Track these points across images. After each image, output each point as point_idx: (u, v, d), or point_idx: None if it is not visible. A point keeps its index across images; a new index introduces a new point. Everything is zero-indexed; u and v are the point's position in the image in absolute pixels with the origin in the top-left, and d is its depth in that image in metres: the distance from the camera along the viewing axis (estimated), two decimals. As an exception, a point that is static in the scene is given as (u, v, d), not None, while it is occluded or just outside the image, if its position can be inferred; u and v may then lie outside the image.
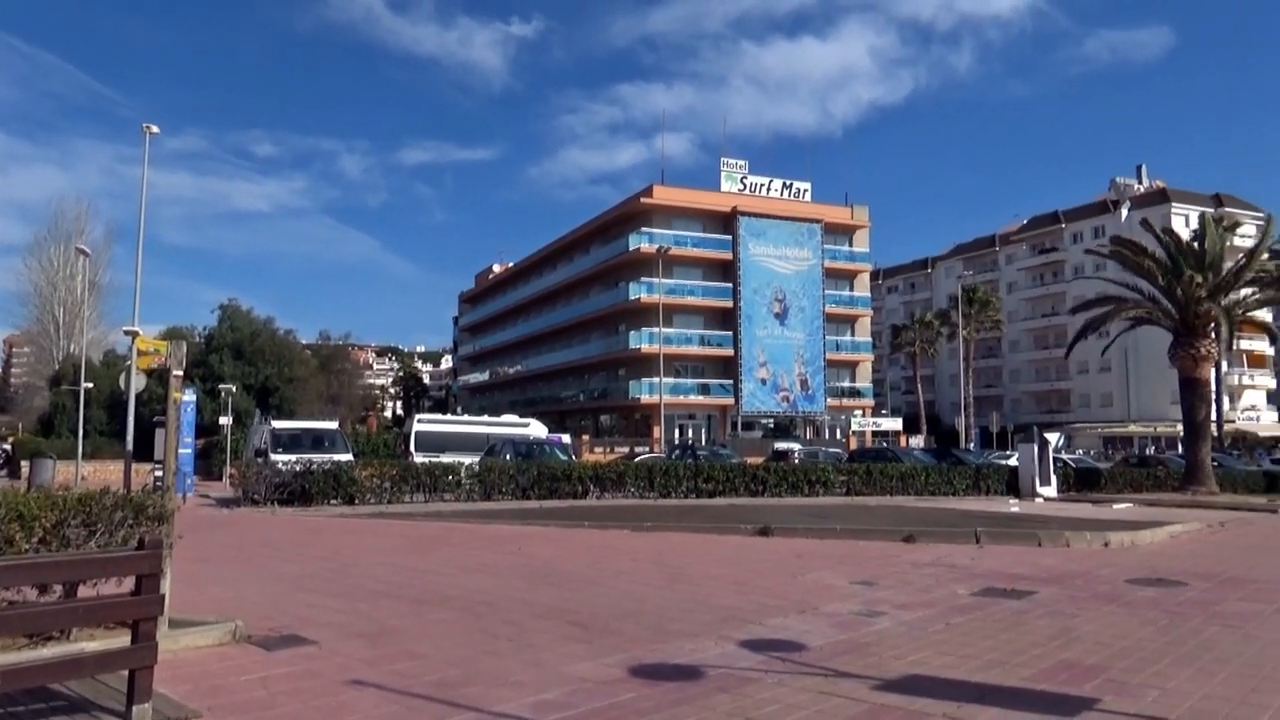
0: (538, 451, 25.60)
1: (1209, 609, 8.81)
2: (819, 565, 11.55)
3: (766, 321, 60.55)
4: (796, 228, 61.79)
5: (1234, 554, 13.68)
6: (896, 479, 25.15)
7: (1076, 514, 19.43)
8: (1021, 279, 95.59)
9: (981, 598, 9.28)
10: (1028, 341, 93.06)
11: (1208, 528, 17.51)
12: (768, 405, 60.51)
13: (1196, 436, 29.45)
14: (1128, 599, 9.36)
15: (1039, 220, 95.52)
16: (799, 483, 23.71)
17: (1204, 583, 10.51)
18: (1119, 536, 14.64)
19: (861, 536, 14.86)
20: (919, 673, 6.16)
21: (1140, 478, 30.64)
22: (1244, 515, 20.82)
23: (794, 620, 7.96)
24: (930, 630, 7.59)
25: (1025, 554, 13.22)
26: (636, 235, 59.43)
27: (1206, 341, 29.49)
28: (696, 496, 22.12)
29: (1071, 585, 10.22)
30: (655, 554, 12.72)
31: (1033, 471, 26.10)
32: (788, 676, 6.00)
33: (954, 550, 13.40)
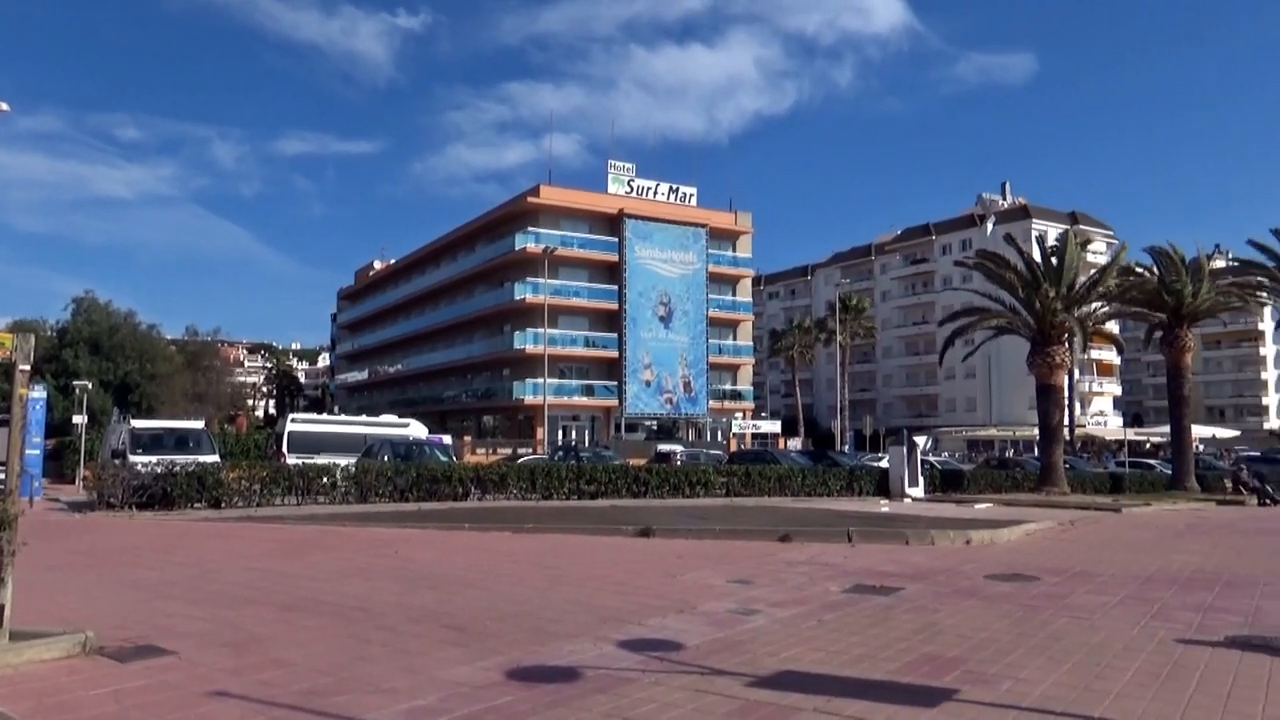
0: (417, 453, 25.07)
1: (1059, 602, 9.35)
2: (698, 565, 11.71)
3: (651, 324, 61.08)
4: (682, 232, 62.57)
5: (1082, 550, 14.57)
6: (774, 480, 25.74)
7: (942, 513, 20.32)
8: (895, 288, 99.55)
9: (852, 594, 9.60)
10: (900, 348, 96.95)
11: (1059, 526, 18.60)
12: (651, 407, 61.05)
13: (1050, 440, 31.27)
14: (986, 593, 9.85)
15: (912, 232, 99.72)
16: (680, 484, 23.99)
17: (1055, 577, 11.16)
18: (980, 535, 15.40)
19: (740, 536, 15.15)
20: (791, 669, 6.31)
21: (1000, 479, 32.32)
22: (1092, 514, 22.21)
23: (672, 620, 8.04)
24: (803, 627, 7.80)
25: (894, 552, 13.75)
26: (523, 235, 59.00)
27: (1061, 350, 31.39)
28: (579, 498, 22.10)
29: (936, 581, 10.68)
30: (536, 556, 12.64)
31: (902, 473, 27.17)
32: (665, 675, 6.06)
33: (827, 549, 13.82)
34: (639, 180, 63.28)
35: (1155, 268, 37.29)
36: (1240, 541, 16.38)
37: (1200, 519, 22.53)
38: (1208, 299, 36.27)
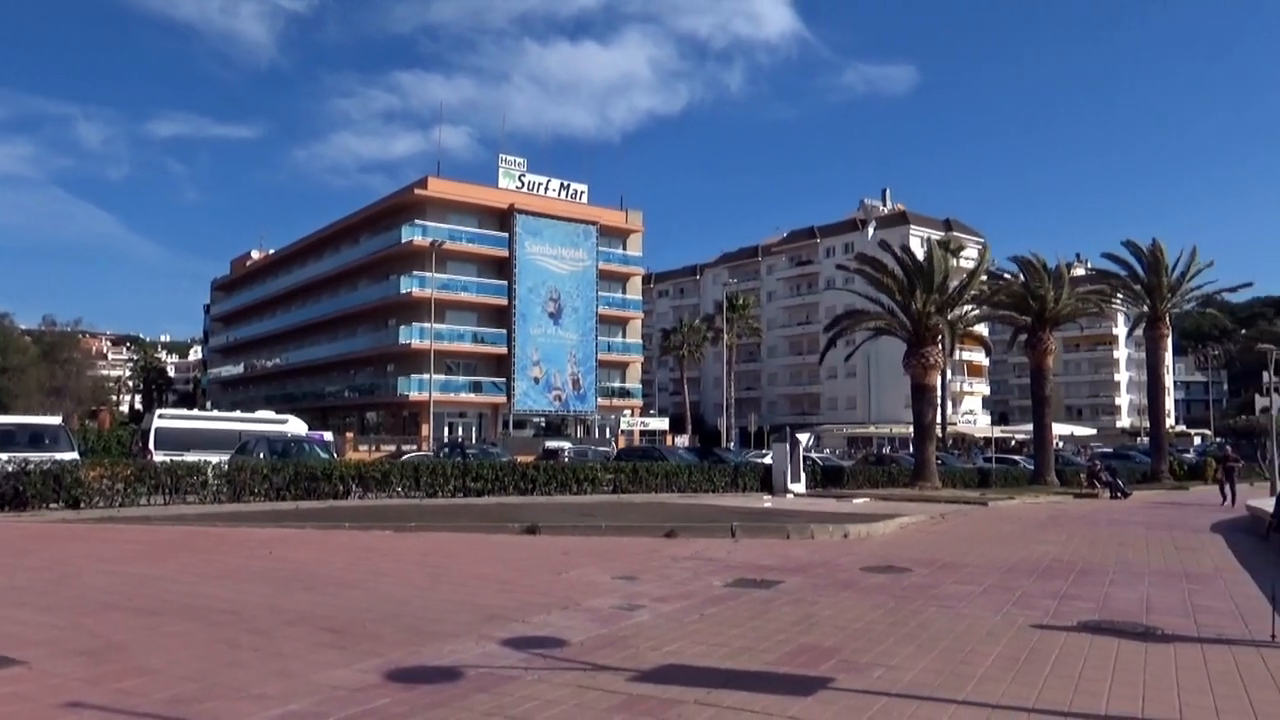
0: (295, 450, 24.22)
1: (929, 592, 9.77)
2: (584, 562, 11.72)
3: (541, 320, 60.75)
4: (573, 228, 62.44)
5: (952, 542, 15.26)
6: (661, 477, 25.99)
7: (822, 508, 20.91)
8: (781, 288, 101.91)
9: (734, 588, 9.78)
10: (785, 347, 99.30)
11: (931, 519, 19.42)
12: (540, 404, 60.73)
13: (924, 437, 32.60)
14: (862, 585, 10.20)
15: (797, 234, 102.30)
16: (568, 481, 23.95)
17: (926, 568, 11.65)
18: (857, 528, 15.94)
19: (626, 533, 15.24)
20: (674, 662, 6.40)
21: (877, 474, 33.50)
22: (961, 508, 23.25)
23: (557, 617, 8.02)
24: (686, 621, 7.91)
25: (775, 546, 14.09)
26: (410, 227, 57.73)
27: (935, 351, 32.75)
28: (465, 495, 21.80)
29: (814, 574, 11.00)
30: (419, 555, 12.41)
31: (785, 469, 27.83)
32: (548, 673, 6.04)
33: (711, 544, 14.05)
34: (530, 176, 62.79)
35: (1021, 275, 39.32)
36: (1094, 533, 17.45)
37: (1059, 512, 23.88)
38: (1068, 305, 38.47)
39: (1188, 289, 44.06)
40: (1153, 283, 42.51)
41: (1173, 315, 46.29)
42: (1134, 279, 43.34)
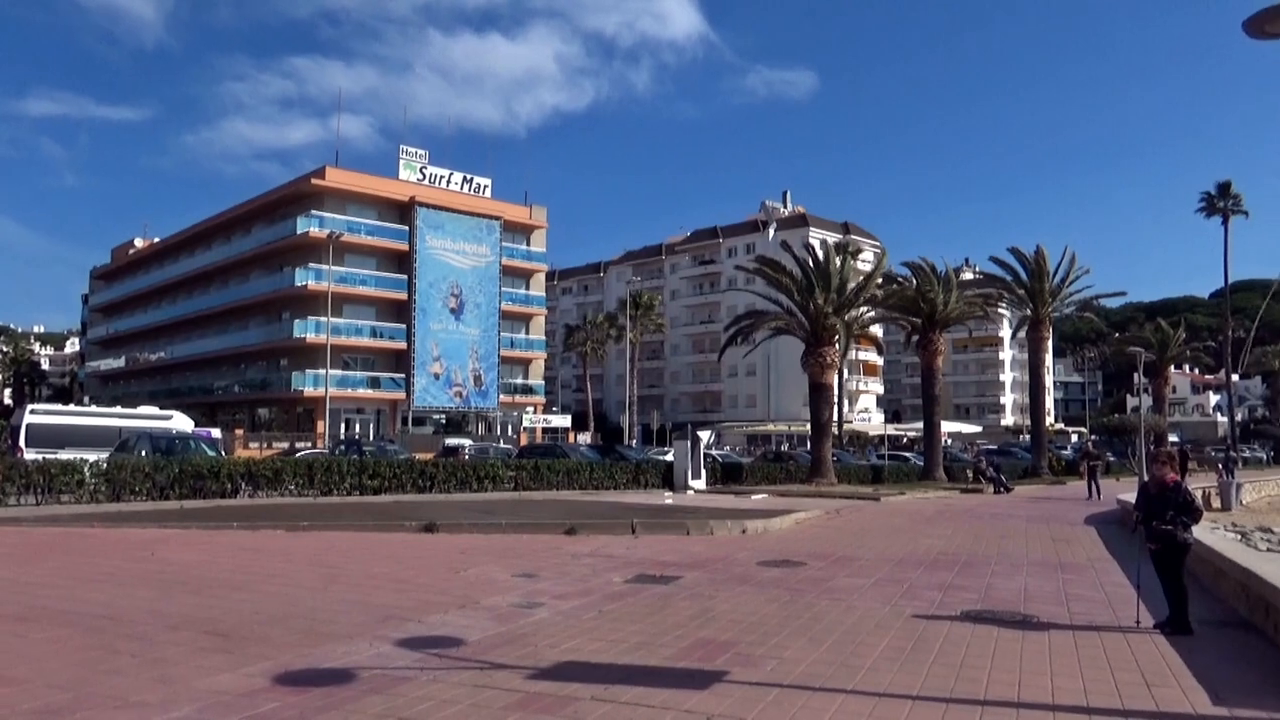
0: (181, 447, 23.23)
1: (822, 585, 10.03)
2: (483, 560, 11.61)
3: (442, 316, 59.79)
4: (476, 223, 61.64)
5: (845, 537, 15.69)
6: (563, 474, 25.94)
7: (721, 504, 21.24)
8: (684, 287, 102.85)
9: (634, 584, 9.85)
10: (687, 346, 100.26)
11: (826, 514, 19.93)
12: (440, 400, 59.79)
13: (821, 434, 33.42)
14: (758, 579, 10.40)
15: (700, 234, 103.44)
16: (468, 478, 23.67)
17: (820, 562, 11.95)
18: (754, 524, 16.24)
19: (526, 530, 15.16)
20: (572, 659, 6.40)
21: (775, 471, 34.18)
22: (855, 503, 23.95)
23: (454, 616, 7.93)
24: (585, 618, 7.92)
25: (675, 542, 14.24)
26: (306, 218, 55.99)
27: (831, 351, 33.60)
28: (361, 494, 21.30)
29: (712, 569, 11.16)
30: (311, 555, 12.08)
31: (686, 466, 28.14)
32: (443, 673, 5.97)
33: (612, 541, 14.10)
34: (432, 168, 61.69)
35: (913, 278, 40.69)
36: (978, 526, 18.20)
37: (946, 506, 24.82)
38: (956, 308, 40.00)
39: (1067, 294, 46.40)
40: (1035, 288, 44.59)
41: (1053, 319, 48.68)
42: (1018, 284, 45.36)
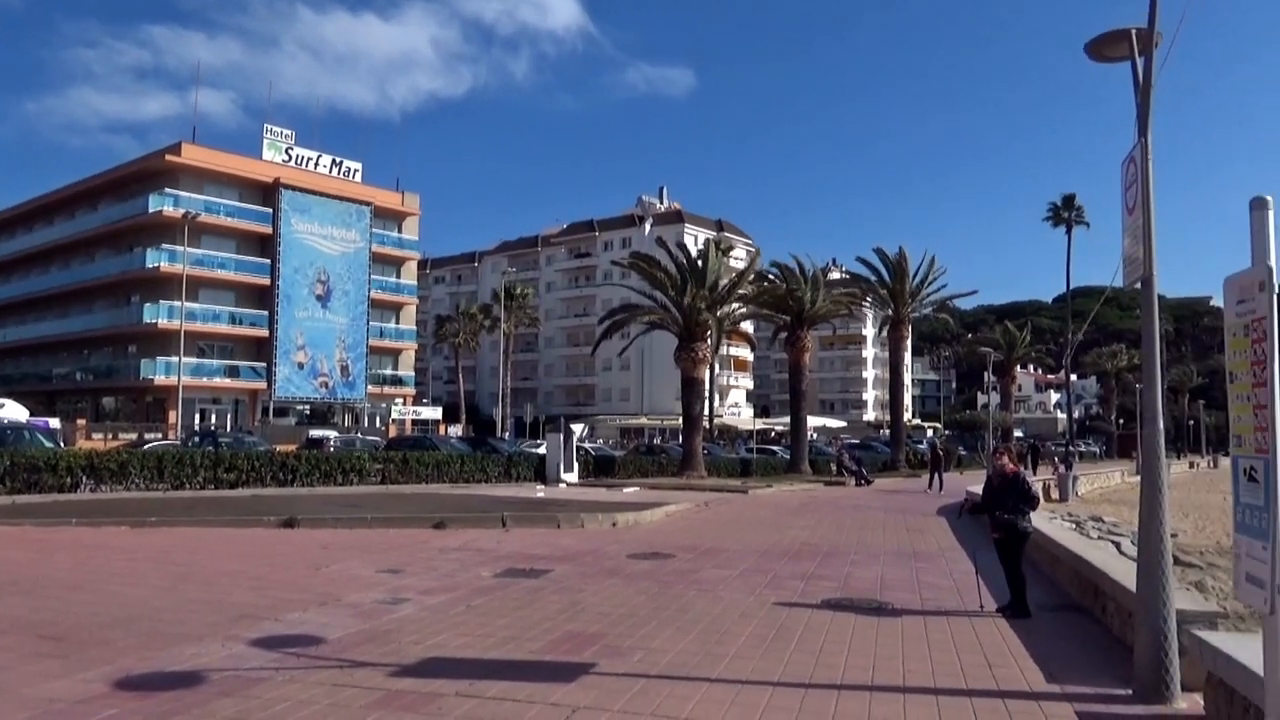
0: (13, 437, 21.59)
1: (690, 576, 10.19)
2: (346, 556, 11.27)
3: (307, 303, 57.60)
4: (345, 208, 59.63)
5: (714, 528, 16.00)
6: (433, 466, 25.46)
7: (593, 497, 21.30)
8: (559, 280, 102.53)
9: (503, 578, 9.76)
10: (562, 338, 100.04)
11: (696, 507, 20.27)
12: (304, 391, 57.63)
13: (692, 428, 33.96)
14: (627, 572, 10.48)
15: (577, 227, 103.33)
16: (332, 471, 22.94)
17: (689, 554, 12.14)
18: (625, 516, 16.36)
19: (393, 525, 14.80)
20: (437, 655, 6.29)
21: (647, 464, 34.53)
22: (724, 496, 24.45)
23: (314, 614, 7.67)
24: (452, 613, 7.80)
25: (546, 535, 14.19)
26: (159, 196, 52.82)
27: (704, 346, 34.19)
28: (216, 487, 20.32)
29: (583, 562, 11.18)
30: (159, 552, 11.44)
31: (558, 459, 28.09)
32: (301, 672, 5.76)
33: (482, 534, 13.93)
34: (299, 149, 59.29)
35: (783, 277, 41.83)
36: (840, 517, 18.89)
37: (811, 499, 25.65)
38: (823, 306, 41.36)
39: (926, 295, 48.65)
40: (897, 288, 46.57)
41: (913, 319, 50.96)
42: (881, 284, 47.26)
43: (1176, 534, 22.79)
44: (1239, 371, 4.22)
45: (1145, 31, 5.86)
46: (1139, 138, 5.82)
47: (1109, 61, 6.33)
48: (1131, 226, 5.91)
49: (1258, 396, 4.03)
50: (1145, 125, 5.84)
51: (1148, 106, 5.86)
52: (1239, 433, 4.23)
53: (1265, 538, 3.92)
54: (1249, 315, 4.11)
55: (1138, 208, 5.79)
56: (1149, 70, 5.86)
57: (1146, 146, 5.79)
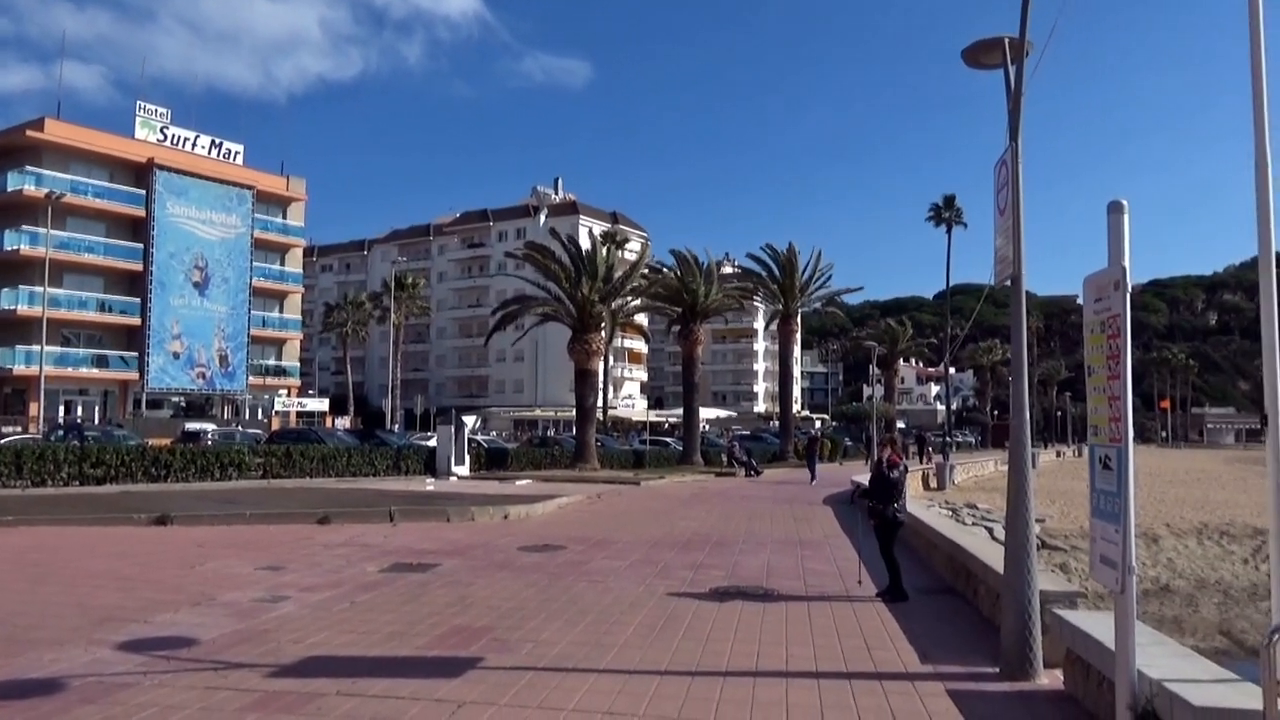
0: None
1: (580, 568, 10.20)
2: (223, 553, 10.84)
3: (184, 290, 54.99)
4: (225, 191, 57.13)
5: (605, 520, 16.05)
6: (318, 460, 24.72)
7: (485, 490, 21.06)
8: (452, 270, 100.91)
9: (389, 573, 9.56)
10: (454, 329, 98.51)
11: (589, 499, 20.29)
12: (180, 382, 55.04)
13: (585, 420, 33.97)
14: (518, 565, 10.41)
15: (470, 216, 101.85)
16: (209, 466, 22.01)
17: (580, 546, 12.15)
18: (517, 509, 16.25)
19: (274, 520, 14.31)
20: (318, 654, 6.11)
21: (540, 456, 34.34)
22: (617, 487, 24.55)
23: (186, 615, 7.35)
24: (335, 610, 7.59)
25: (435, 529, 13.97)
26: (20, 174, 49.48)
27: (597, 338, 34.24)
28: (82, 484, 19.21)
29: (473, 556, 11.05)
30: (16, 553, 10.75)
31: (450, 452, 27.67)
32: (171, 676, 5.51)
33: (368, 529, 13.62)
34: (175, 129, 56.44)
35: (677, 270, 42.23)
36: (729, 507, 19.22)
37: (702, 489, 26.01)
38: (716, 300, 41.96)
39: (814, 290, 49.92)
40: (787, 283, 47.61)
41: (802, 313, 52.23)
42: (772, 279, 48.25)
43: (1043, 519, 24.08)
44: (1096, 365, 4.48)
45: (1017, 41, 6.13)
46: (1010, 142, 6.09)
47: (984, 68, 6.58)
48: (1003, 227, 6.18)
49: (1112, 389, 4.29)
50: (1016, 130, 6.12)
51: (1018, 112, 6.14)
52: (1096, 423, 4.49)
53: (1117, 521, 4.17)
54: (1105, 313, 4.36)
55: (1008, 209, 6.07)
56: (1020, 78, 6.14)
57: (1017, 151, 6.06)
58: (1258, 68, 4.37)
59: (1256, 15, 4.38)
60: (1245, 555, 22.60)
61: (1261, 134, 4.35)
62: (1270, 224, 4.34)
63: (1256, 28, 4.39)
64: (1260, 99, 4.36)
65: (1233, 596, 19.39)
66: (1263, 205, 4.34)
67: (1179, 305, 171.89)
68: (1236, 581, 20.41)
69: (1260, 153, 4.35)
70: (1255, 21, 4.39)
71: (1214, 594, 19.74)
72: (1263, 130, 4.35)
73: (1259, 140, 4.36)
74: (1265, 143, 4.34)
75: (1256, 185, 4.38)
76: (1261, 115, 4.36)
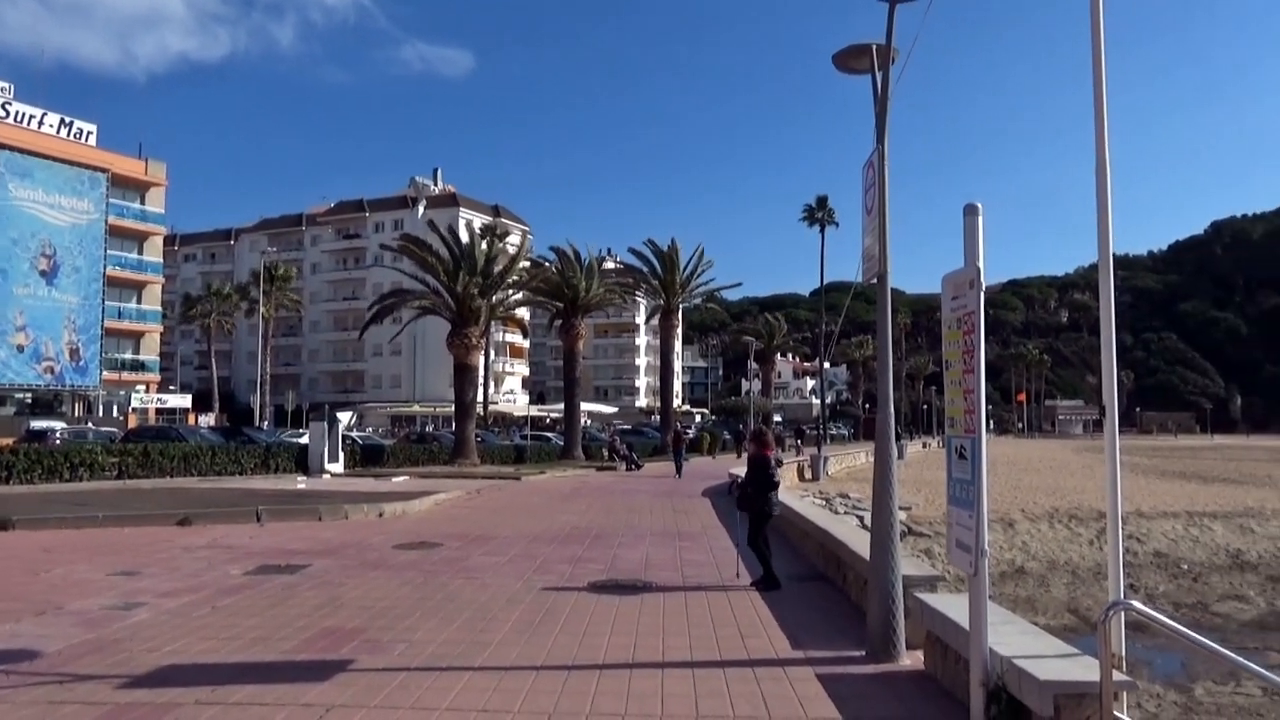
0: None
1: (458, 565, 10.05)
2: (72, 559, 10.19)
3: (29, 279, 51.30)
4: (76, 174, 53.58)
5: (484, 516, 15.87)
6: (179, 459, 23.55)
7: (359, 488, 20.50)
8: (326, 261, 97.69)
9: (255, 576, 9.19)
10: (328, 323, 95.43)
11: (467, 495, 20.02)
12: (25, 377, 51.38)
13: (465, 415, 33.49)
14: (393, 563, 10.18)
15: (345, 206, 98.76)
16: (58, 466, 20.66)
17: (457, 542, 11.97)
18: (393, 507, 15.89)
19: (130, 523, 13.55)
20: (175, 662, 5.82)
21: (419, 452, 33.67)
22: (497, 483, 24.30)
23: (29, 625, 6.88)
24: (194, 616, 7.25)
25: (306, 529, 13.52)
26: None
27: (477, 332, 33.78)
28: (-90, 488, 17.74)
29: (345, 555, 10.74)
30: None
31: (322, 449, 26.79)
32: (10, 691, 5.15)
33: (233, 530, 13.06)
34: (19, 105, 52.63)
35: (559, 264, 42.10)
36: (610, 501, 19.30)
37: (583, 484, 26.02)
38: (597, 294, 42.02)
39: (695, 286, 50.64)
40: (668, 279, 48.15)
41: (683, 308, 52.94)
42: (653, 274, 48.70)
43: (910, 507, 25.12)
44: (953, 360, 4.70)
45: (884, 48, 6.36)
46: (876, 145, 6.32)
47: (853, 73, 6.78)
48: (870, 226, 6.41)
49: (967, 383, 4.51)
50: (883, 134, 6.34)
51: (884, 116, 6.37)
52: (952, 415, 4.71)
53: (971, 508, 4.39)
54: (961, 310, 4.58)
55: (875, 209, 6.29)
56: (886, 83, 6.37)
57: (884, 153, 6.29)
58: (1099, 76, 4.67)
59: (1098, 32, 4.68)
60: (1091, 537, 24.15)
61: (1101, 145, 4.66)
62: (1109, 228, 4.65)
63: (1098, 43, 4.68)
64: (1100, 108, 4.66)
65: (1080, 576, 20.72)
66: (1102, 209, 4.65)
67: (1035, 304, 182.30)
68: (1083, 562, 21.79)
69: (1100, 161, 4.65)
70: (1096, 37, 4.68)
71: (1064, 574, 21.04)
72: (1103, 141, 4.65)
73: (1099, 151, 4.66)
74: (1105, 152, 4.64)
75: (1096, 190, 4.68)
76: (1102, 126, 4.66)
